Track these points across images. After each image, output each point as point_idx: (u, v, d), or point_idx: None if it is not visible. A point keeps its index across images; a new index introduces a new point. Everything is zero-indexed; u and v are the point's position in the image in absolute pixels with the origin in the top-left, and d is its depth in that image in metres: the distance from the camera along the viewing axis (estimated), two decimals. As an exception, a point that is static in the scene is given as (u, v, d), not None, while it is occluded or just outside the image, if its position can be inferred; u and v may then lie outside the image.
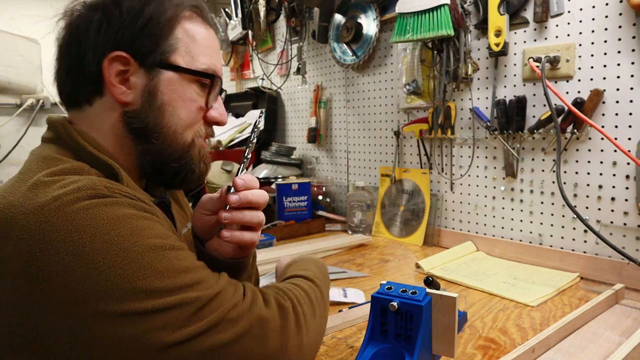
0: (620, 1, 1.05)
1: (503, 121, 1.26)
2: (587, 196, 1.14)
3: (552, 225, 1.21)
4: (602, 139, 1.09)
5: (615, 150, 1.08)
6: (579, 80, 1.13)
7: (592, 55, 1.10)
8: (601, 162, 1.11)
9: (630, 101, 1.05)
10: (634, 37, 1.03)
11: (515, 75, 1.26)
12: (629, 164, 1.06)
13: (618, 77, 1.06)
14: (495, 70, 1.29)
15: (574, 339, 0.82)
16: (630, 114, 1.05)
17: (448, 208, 1.47)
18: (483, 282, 1.10)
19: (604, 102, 1.09)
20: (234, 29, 2.30)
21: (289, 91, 2.18)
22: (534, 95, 1.22)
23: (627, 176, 1.07)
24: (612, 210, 1.09)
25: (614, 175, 1.09)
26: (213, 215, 0.65)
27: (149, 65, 0.58)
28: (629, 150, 1.02)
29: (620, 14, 1.05)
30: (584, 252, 1.15)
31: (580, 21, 1.12)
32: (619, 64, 1.06)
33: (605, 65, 1.08)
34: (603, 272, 1.09)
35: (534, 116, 1.22)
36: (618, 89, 1.07)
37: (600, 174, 1.11)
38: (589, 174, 1.13)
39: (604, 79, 1.09)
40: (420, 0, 1.32)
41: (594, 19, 1.09)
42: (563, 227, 1.19)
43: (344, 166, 1.89)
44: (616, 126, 1.07)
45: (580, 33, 1.12)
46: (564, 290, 1.05)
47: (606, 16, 1.07)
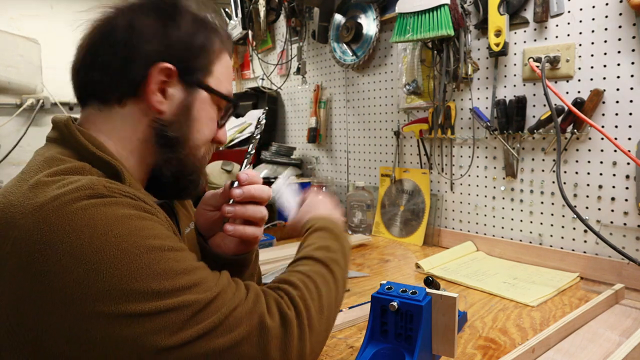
0: (620, 1, 1.05)
1: (503, 121, 1.26)
2: (587, 196, 1.14)
3: (552, 225, 1.21)
4: (602, 139, 1.09)
5: (615, 150, 1.08)
6: (579, 80, 1.13)
7: (592, 55, 1.10)
8: (601, 162, 1.11)
9: (630, 101, 1.05)
10: (634, 37, 1.03)
11: (515, 75, 1.26)
12: (629, 164, 1.06)
13: (618, 77, 1.06)
14: (495, 70, 1.29)
15: (574, 339, 0.82)
16: (630, 114, 1.05)
17: (448, 208, 1.47)
18: (483, 282, 1.10)
19: (604, 102, 1.09)
20: (234, 29, 2.30)
21: (289, 91, 2.18)
22: (534, 95, 1.22)
23: (627, 176, 1.07)
24: (612, 210, 1.09)
25: (614, 175, 1.09)
26: (216, 211, 0.69)
27: (189, 83, 0.61)
28: (629, 150, 1.02)
29: (620, 14, 1.05)
30: (584, 252, 1.15)
31: (580, 21, 1.12)
32: (619, 64, 1.06)
33: (605, 65, 1.08)
34: (603, 272, 1.09)
35: (534, 116, 1.22)
36: (618, 89, 1.07)
37: (600, 174, 1.11)
38: (589, 174, 1.13)
39: (604, 79, 1.09)
40: (420, 0, 1.32)
41: (594, 19, 1.09)
42: (563, 227, 1.19)
43: (344, 166, 1.89)
44: (616, 126, 1.07)
45: (580, 33, 1.12)
46: (564, 290, 1.05)
47: (606, 16, 1.07)
